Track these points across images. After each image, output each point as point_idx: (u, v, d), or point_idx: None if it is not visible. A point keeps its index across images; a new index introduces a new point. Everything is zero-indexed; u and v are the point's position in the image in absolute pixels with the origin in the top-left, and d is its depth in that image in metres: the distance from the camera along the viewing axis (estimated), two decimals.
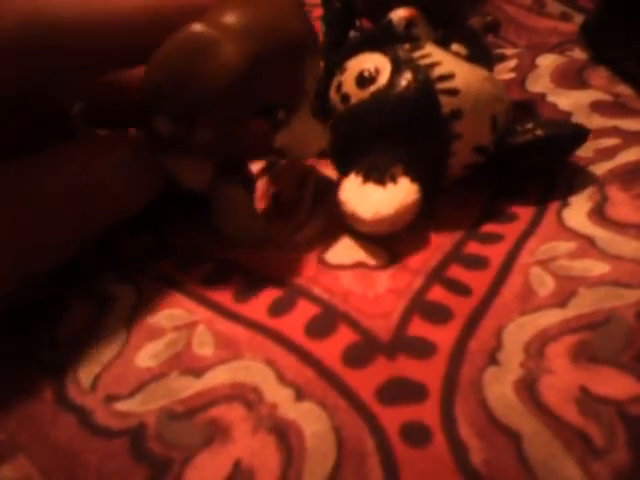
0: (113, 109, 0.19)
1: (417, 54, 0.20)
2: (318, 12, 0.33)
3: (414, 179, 0.19)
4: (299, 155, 0.19)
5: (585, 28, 0.29)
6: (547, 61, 0.28)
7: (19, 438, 0.15)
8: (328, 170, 0.23)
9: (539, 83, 0.26)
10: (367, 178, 0.19)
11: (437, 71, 0.19)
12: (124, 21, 0.16)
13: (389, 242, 0.19)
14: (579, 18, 0.31)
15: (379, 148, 0.19)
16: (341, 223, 0.20)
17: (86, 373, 0.16)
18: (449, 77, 0.19)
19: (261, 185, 0.23)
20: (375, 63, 0.20)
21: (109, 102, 0.19)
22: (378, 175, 0.19)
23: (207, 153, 0.17)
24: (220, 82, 0.16)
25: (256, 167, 0.23)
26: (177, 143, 0.17)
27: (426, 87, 0.19)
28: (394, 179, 0.19)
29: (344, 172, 0.20)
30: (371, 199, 0.19)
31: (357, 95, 0.20)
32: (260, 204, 0.22)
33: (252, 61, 0.16)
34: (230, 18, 0.16)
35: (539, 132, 0.20)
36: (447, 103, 0.19)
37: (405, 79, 0.19)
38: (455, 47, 0.21)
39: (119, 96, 0.19)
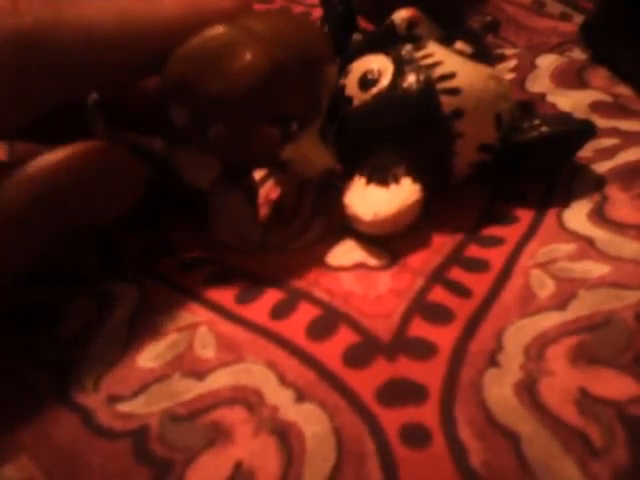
0: (129, 108, 0.19)
1: (419, 54, 0.20)
2: (317, 13, 0.33)
3: (416, 179, 0.19)
4: (302, 172, 0.19)
5: (585, 28, 0.29)
6: (547, 61, 0.28)
7: (22, 438, 0.15)
8: (330, 173, 0.23)
9: (539, 83, 0.26)
10: (370, 179, 0.19)
11: (438, 71, 0.19)
12: (158, 32, 0.16)
13: (390, 243, 0.19)
14: (579, 18, 0.31)
15: (382, 149, 0.19)
16: (342, 225, 0.20)
17: (88, 373, 0.16)
18: (450, 76, 0.19)
19: (262, 193, 0.23)
20: (378, 65, 0.20)
21: (126, 99, 0.19)
22: (381, 176, 0.19)
23: (217, 151, 0.18)
24: (242, 82, 0.16)
25: (257, 175, 0.23)
26: (189, 136, 0.17)
27: (427, 87, 0.19)
28: (397, 180, 0.19)
29: (349, 174, 0.20)
30: (372, 200, 0.19)
31: (360, 97, 0.20)
32: (261, 211, 0.22)
33: (275, 67, 0.16)
34: (258, 25, 0.17)
35: (545, 129, 0.20)
36: (448, 103, 0.19)
37: (406, 80, 0.19)
38: (459, 45, 0.21)
39: (136, 95, 0.19)
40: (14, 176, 0.15)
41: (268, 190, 0.23)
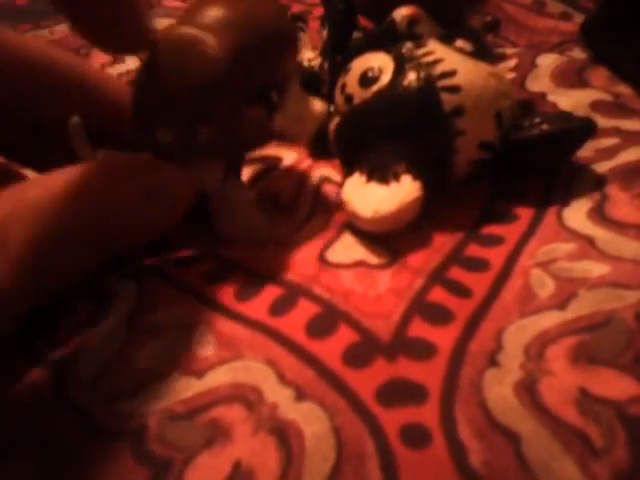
0: (111, 129, 0.19)
1: (420, 52, 0.20)
2: (318, 12, 0.33)
3: (417, 177, 0.19)
4: (298, 134, 0.19)
5: (585, 28, 0.29)
6: (547, 61, 0.28)
7: (20, 438, 0.15)
8: (329, 170, 0.23)
9: (539, 82, 0.26)
10: (371, 177, 0.19)
11: (439, 68, 0.19)
12: None
13: (390, 241, 0.19)
14: (579, 18, 0.31)
15: (382, 147, 0.19)
16: (342, 222, 0.20)
17: (87, 372, 0.16)
18: (451, 74, 0.19)
19: (262, 186, 0.23)
20: (378, 63, 0.20)
21: (107, 120, 0.19)
22: (381, 173, 0.19)
23: (213, 151, 0.17)
24: (208, 76, 0.16)
25: (252, 172, 0.23)
26: (181, 149, 0.17)
27: (427, 85, 0.19)
28: (397, 177, 0.19)
29: (349, 171, 0.20)
30: (372, 198, 0.19)
31: (360, 95, 0.20)
32: (261, 204, 0.22)
33: (235, 51, 0.16)
34: (207, 16, 0.17)
35: (546, 126, 0.20)
36: (448, 100, 0.19)
37: (407, 77, 0.19)
38: (460, 43, 0.21)
39: (117, 115, 0.19)
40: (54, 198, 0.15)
41: (268, 183, 0.23)
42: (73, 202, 0.15)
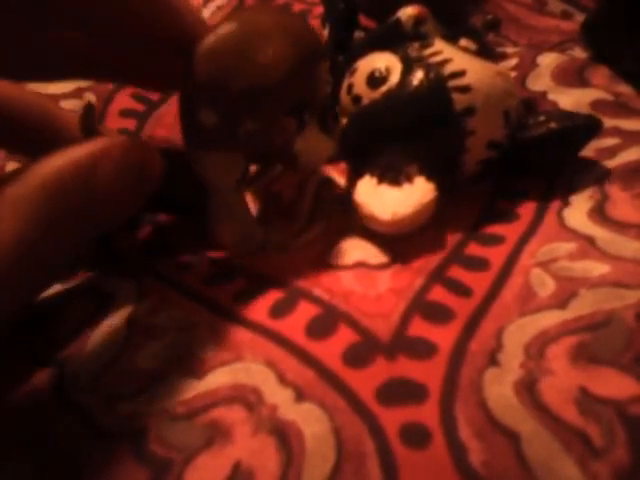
0: None
1: (427, 52, 0.20)
2: (318, 10, 0.33)
3: (430, 177, 0.19)
4: (310, 162, 0.19)
5: (586, 27, 0.29)
6: (548, 60, 0.27)
7: (21, 438, 0.15)
8: (330, 172, 0.23)
9: (540, 82, 0.26)
10: (382, 179, 0.19)
11: (448, 68, 0.19)
12: None
13: (390, 241, 0.19)
14: (580, 17, 0.31)
15: (393, 148, 0.19)
16: (342, 223, 0.20)
17: (87, 373, 0.16)
18: (461, 74, 0.19)
19: (261, 189, 0.23)
20: (385, 63, 0.20)
21: None
22: (393, 175, 0.19)
23: (246, 148, 0.17)
24: (270, 74, 0.16)
25: (252, 172, 0.23)
26: (219, 136, 0.17)
27: (438, 85, 0.19)
28: (410, 178, 0.19)
29: (358, 174, 0.20)
30: (388, 200, 0.19)
31: (369, 96, 0.20)
32: (260, 208, 0.22)
33: (296, 56, 0.16)
34: (263, 19, 0.17)
35: (553, 125, 0.20)
36: (460, 100, 0.19)
37: (417, 78, 0.19)
38: (464, 42, 0.21)
39: None
40: (26, 182, 0.15)
41: (269, 183, 0.23)
42: (53, 191, 0.15)
